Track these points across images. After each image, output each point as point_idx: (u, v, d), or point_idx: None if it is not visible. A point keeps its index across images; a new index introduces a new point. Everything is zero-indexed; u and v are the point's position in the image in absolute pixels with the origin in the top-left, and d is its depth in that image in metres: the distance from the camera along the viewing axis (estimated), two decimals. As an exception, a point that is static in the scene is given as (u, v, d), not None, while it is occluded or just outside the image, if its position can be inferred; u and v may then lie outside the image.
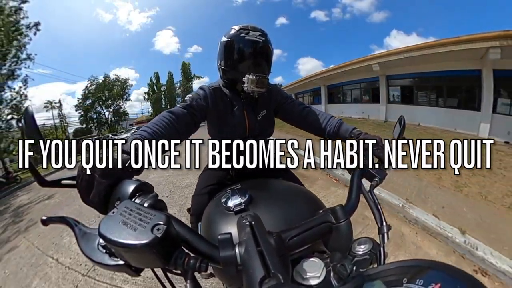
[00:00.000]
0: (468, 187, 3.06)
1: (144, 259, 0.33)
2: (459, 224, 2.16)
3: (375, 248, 0.42)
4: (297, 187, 0.83)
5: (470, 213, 2.41)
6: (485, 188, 3.01)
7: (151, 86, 41.52)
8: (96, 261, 0.35)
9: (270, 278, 0.29)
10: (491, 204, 2.62)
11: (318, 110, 1.02)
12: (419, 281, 0.26)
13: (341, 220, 0.43)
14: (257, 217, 0.41)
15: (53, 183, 0.46)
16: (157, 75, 41.72)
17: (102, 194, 0.43)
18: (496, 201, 2.66)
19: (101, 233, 0.32)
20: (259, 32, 0.88)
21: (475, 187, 3.05)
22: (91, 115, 30.19)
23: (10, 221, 4.20)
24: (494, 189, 2.97)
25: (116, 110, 32.16)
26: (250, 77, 0.85)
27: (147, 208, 0.35)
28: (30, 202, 5.39)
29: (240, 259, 0.34)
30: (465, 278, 0.24)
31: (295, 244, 0.41)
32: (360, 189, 0.55)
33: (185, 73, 41.88)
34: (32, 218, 4.04)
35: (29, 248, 2.80)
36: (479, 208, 2.53)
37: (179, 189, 3.83)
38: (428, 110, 9.57)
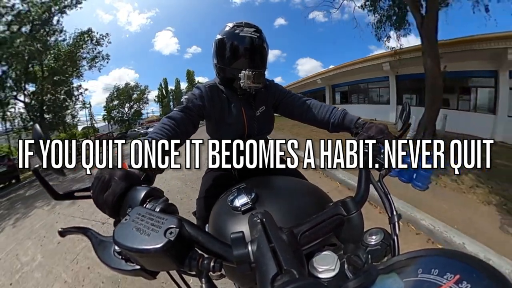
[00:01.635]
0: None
1: (159, 262, 0.33)
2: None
3: (386, 238, 0.42)
4: (302, 182, 0.82)
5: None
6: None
7: (161, 90, 49.16)
8: (113, 267, 0.36)
9: (283, 274, 0.29)
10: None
11: (319, 102, 0.99)
12: (434, 270, 0.25)
13: (352, 212, 0.43)
14: (268, 214, 0.41)
15: (67, 196, 0.47)
16: (165, 80, 49.45)
17: (117, 194, 0.43)
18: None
19: (116, 241, 0.33)
20: (253, 28, 0.87)
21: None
22: (113, 114, 36.93)
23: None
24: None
25: (137, 110, 39.20)
26: (246, 72, 0.84)
27: (158, 213, 0.36)
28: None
29: (253, 257, 0.35)
30: (481, 267, 0.24)
31: (308, 238, 0.41)
32: (369, 179, 0.54)
33: (190, 80, 49.33)
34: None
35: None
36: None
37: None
38: (358, 106, 13.29)
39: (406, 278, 0.27)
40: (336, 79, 14.79)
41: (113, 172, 0.46)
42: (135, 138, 0.97)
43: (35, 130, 0.46)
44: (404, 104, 0.80)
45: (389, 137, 0.70)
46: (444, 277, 0.24)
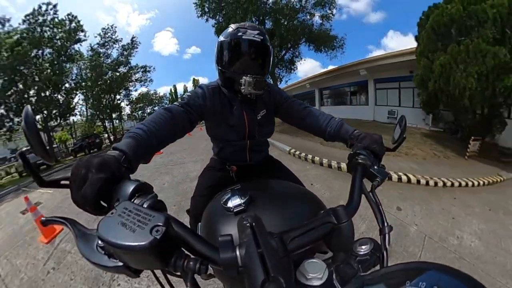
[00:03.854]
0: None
1: (143, 260, 0.32)
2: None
3: (376, 248, 0.41)
4: (298, 187, 0.82)
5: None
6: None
7: (171, 94, 52.81)
8: (94, 262, 0.35)
9: (270, 282, 0.28)
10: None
11: (318, 111, 0.99)
12: (421, 283, 0.25)
13: (342, 221, 0.43)
14: (258, 218, 0.40)
15: (51, 183, 0.46)
16: (175, 87, 52.49)
17: (95, 188, 0.40)
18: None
19: (99, 234, 0.31)
20: (257, 31, 0.86)
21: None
22: (137, 115, 40.44)
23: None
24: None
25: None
26: (247, 79, 0.84)
27: (146, 209, 0.35)
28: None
29: (241, 261, 0.34)
30: (468, 281, 0.24)
31: (297, 245, 0.41)
32: (361, 189, 0.54)
33: (195, 88, 55.03)
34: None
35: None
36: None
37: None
38: (341, 107, 15.75)
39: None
40: (323, 83, 17.13)
41: (90, 163, 0.43)
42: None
43: (26, 112, 0.43)
44: (401, 118, 0.81)
45: (382, 147, 0.70)
46: None
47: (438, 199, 3.38)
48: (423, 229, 2.49)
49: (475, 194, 3.73)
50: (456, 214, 2.91)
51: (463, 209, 3.09)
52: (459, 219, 2.81)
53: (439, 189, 3.81)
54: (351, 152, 0.69)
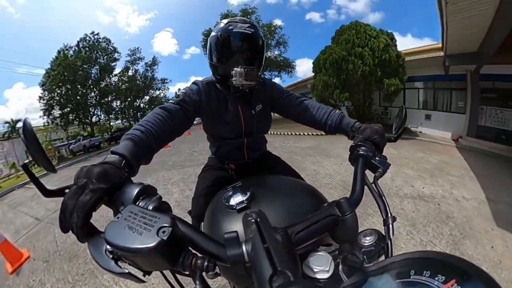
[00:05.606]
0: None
1: (151, 262, 0.33)
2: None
3: (380, 239, 0.42)
4: (298, 181, 0.82)
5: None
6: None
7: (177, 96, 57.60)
8: (104, 266, 0.35)
9: (277, 275, 0.28)
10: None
11: (317, 103, 0.98)
12: (426, 272, 0.26)
13: (346, 213, 0.43)
14: (262, 213, 0.41)
15: (57, 193, 0.45)
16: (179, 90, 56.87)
17: (94, 201, 0.38)
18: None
19: (107, 239, 0.32)
20: (248, 24, 0.85)
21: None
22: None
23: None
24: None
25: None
26: (238, 70, 0.82)
27: (151, 211, 0.35)
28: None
29: (248, 257, 0.34)
30: (472, 269, 0.24)
31: (302, 238, 0.41)
32: (363, 180, 0.54)
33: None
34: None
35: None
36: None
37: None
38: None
39: (398, 279, 0.27)
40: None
41: (90, 172, 0.41)
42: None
43: (25, 125, 0.42)
44: (401, 108, 0.80)
45: (383, 138, 0.70)
46: (436, 278, 0.24)
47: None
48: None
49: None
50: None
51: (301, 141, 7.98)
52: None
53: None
54: (353, 144, 0.69)
